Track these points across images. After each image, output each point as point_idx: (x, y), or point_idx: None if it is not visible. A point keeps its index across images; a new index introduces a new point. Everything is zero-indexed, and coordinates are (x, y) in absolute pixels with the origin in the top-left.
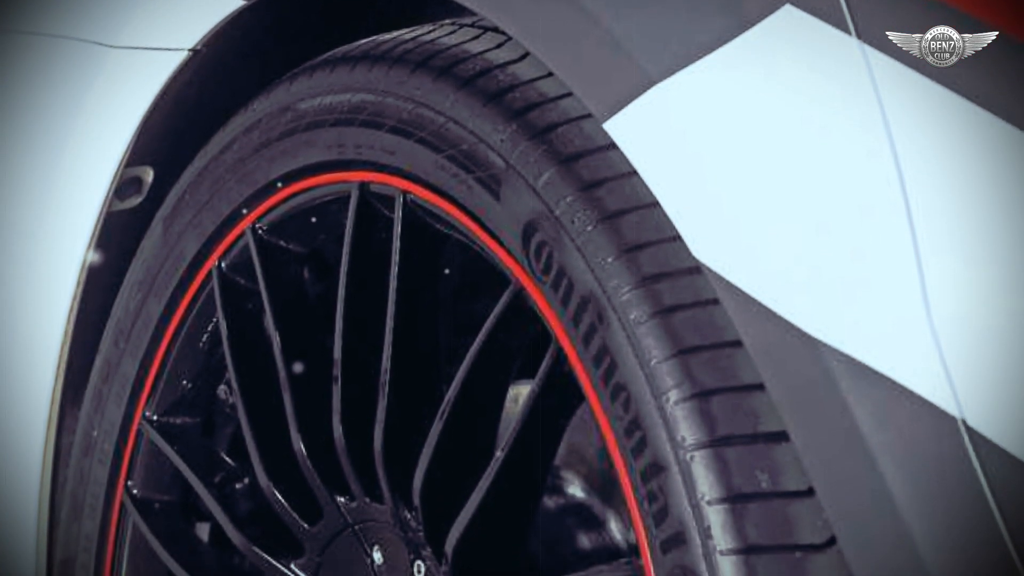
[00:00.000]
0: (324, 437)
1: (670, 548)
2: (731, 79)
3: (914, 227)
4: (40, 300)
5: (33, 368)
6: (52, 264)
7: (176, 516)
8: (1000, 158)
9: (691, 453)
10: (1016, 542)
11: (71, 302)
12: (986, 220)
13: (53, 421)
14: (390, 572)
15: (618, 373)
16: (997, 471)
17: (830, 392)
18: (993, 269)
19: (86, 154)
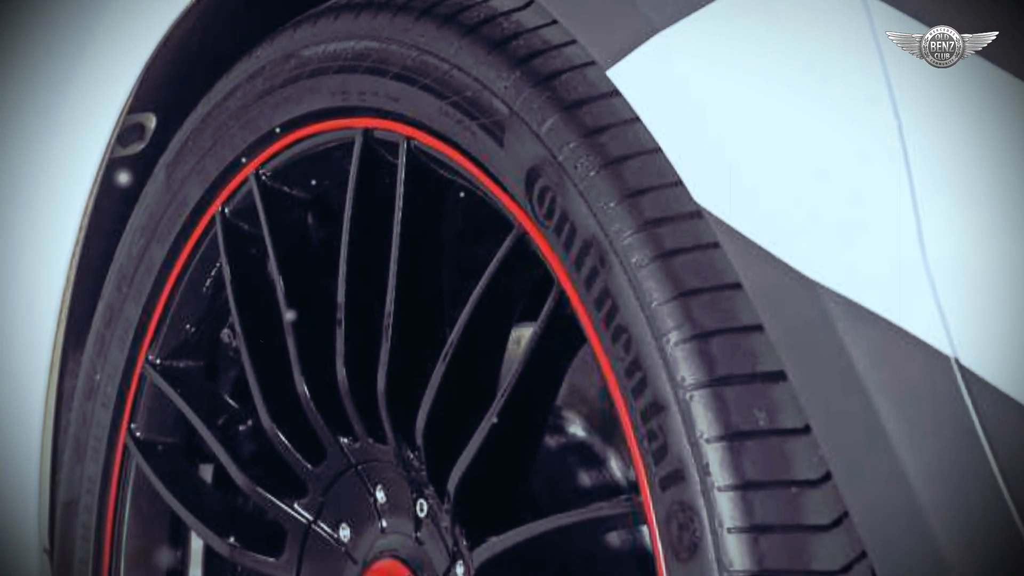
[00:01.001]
0: (327, 380)
1: (669, 485)
2: (733, 27)
3: (911, 172)
4: (42, 247)
5: (35, 313)
6: (54, 211)
7: (179, 458)
8: (997, 105)
9: (691, 393)
10: (1005, 476)
11: (73, 248)
12: (981, 166)
13: (55, 365)
14: (393, 511)
15: (619, 315)
16: (988, 408)
17: (827, 332)
18: (987, 213)
19: (88, 101)
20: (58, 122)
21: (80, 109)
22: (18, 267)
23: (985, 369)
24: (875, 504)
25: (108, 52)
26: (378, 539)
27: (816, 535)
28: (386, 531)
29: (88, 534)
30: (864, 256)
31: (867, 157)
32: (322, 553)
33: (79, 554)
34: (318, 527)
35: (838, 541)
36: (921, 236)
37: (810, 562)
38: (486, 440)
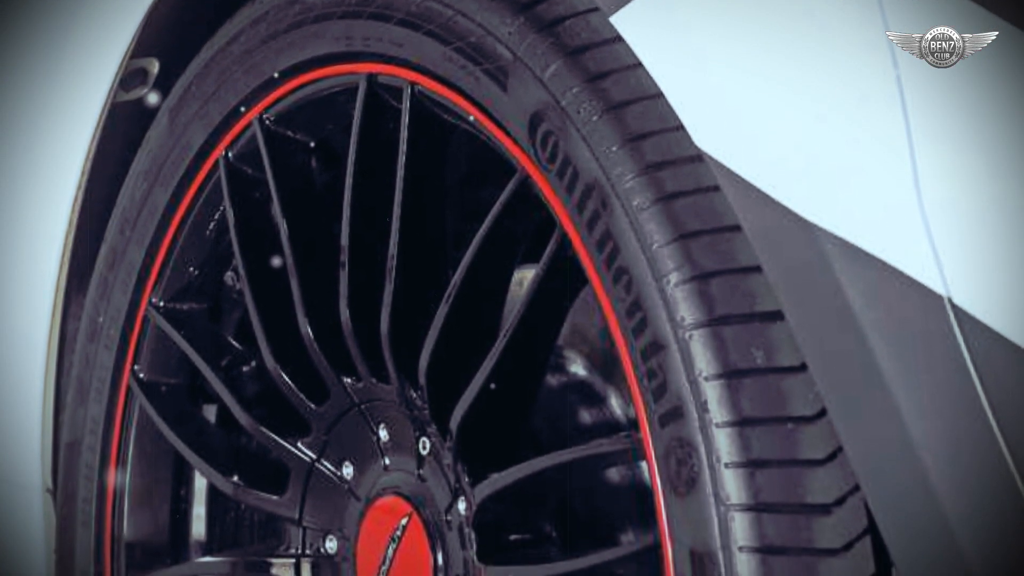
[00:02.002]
0: (331, 321)
1: (668, 422)
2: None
3: (908, 117)
4: (45, 190)
5: (38, 257)
6: (56, 155)
7: (183, 398)
8: (993, 52)
9: (690, 332)
10: (995, 410)
11: (76, 192)
12: (976, 111)
13: (58, 308)
14: (396, 449)
15: (620, 257)
16: (979, 346)
17: (824, 273)
18: (982, 157)
19: (91, 45)
20: (61, 67)
21: (83, 54)
22: (20, 211)
23: (977, 308)
24: (869, 439)
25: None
26: (381, 476)
27: (811, 469)
28: (389, 469)
29: (91, 474)
30: (861, 199)
31: (865, 102)
32: (325, 491)
33: (82, 494)
34: (321, 465)
35: (832, 475)
36: (917, 179)
37: (805, 495)
38: (488, 379)
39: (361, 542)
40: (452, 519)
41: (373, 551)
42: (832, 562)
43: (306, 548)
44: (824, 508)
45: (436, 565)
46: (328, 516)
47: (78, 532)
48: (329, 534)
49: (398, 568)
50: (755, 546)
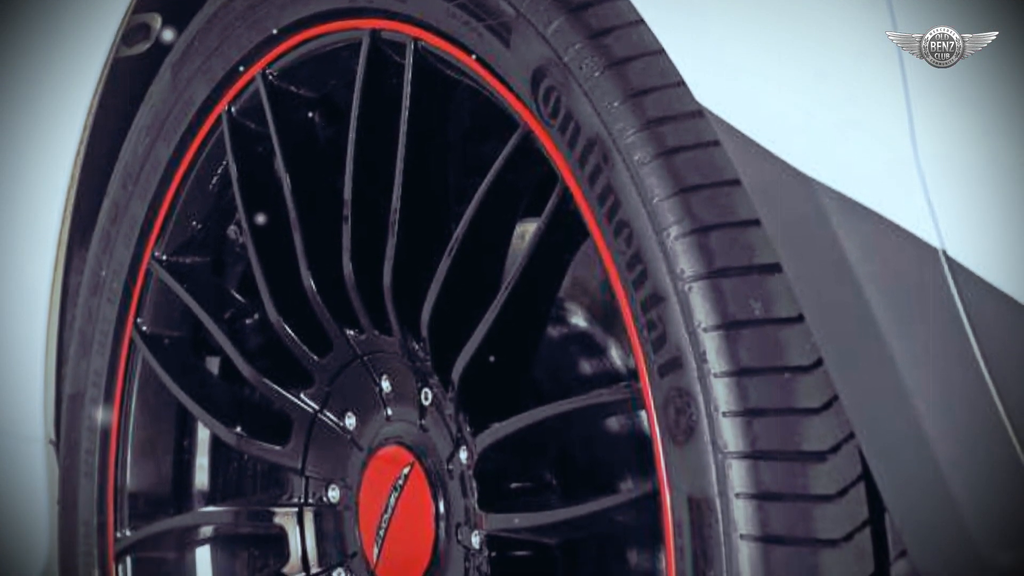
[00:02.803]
0: (333, 274)
1: (667, 372)
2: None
3: (905, 73)
4: (47, 145)
5: (40, 211)
6: (59, 110)
7: (186, 351)
8: (989, 9)
9: (689, 284)
10: (987, 360)
11: (78, 147)
12: (972, 67)
13: (60, 262)
14: (398, 400)
15: (621, 211)
16: (972, 296)
17: (821, 226)
18: (977, 112)
19: (93, 1)
20: (63, 23)
21: (85, 9)
22: (23, 167)
23: (970, 260)
24: (864, 388)
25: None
26: (383, 427)
27: (807, 417)
28: (391, 419)
29: (94, 426)
30: (859, 153)
31: (864, 59)
32: (328, 441)
33: (85, 445)
34: (324, 416)
35: (827, 423)
36: (914, 134)
37: (801, 443)
38: (490, 331)
39: (363, 491)
40: (454, 468)
41: (375, 500)
42: (827, 508)
43: (309, 497)
44: (819, 455)
45: (438, 513)
46: (331, 466)
47: (81, 483)
48: (332, 483)
49: (400, 516)
50: (752, 492)
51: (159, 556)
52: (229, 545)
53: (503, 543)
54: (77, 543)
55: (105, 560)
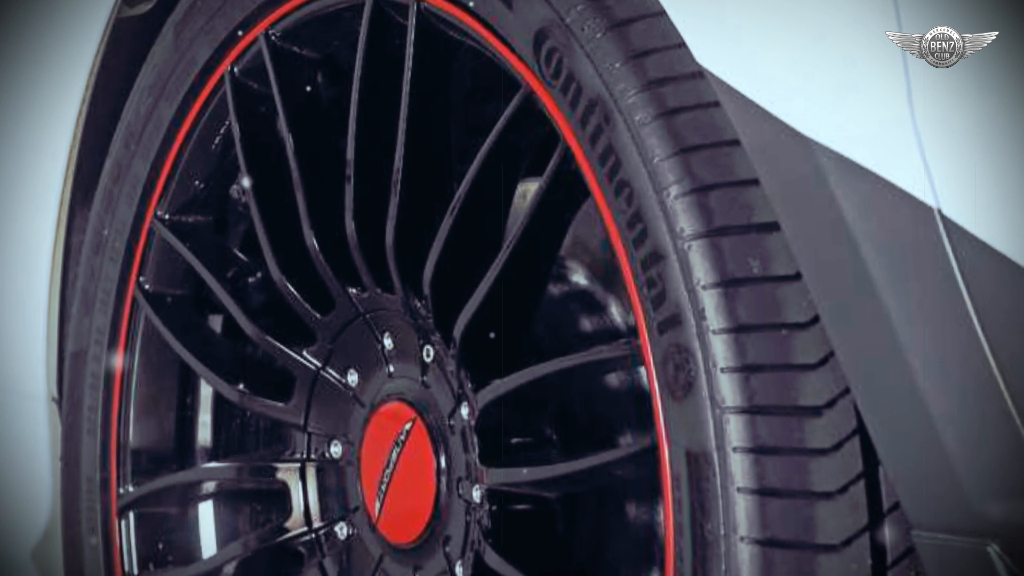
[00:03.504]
0: (335, 234)
1: (667, 329)
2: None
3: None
4: (49, 105)
5: (42, 171)
6: (60, 71)
7: (188, 309)
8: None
9: (689, 243)
10: (980, 316)
11: (79, 107)
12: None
13: (62, 221)
14: (400, 356)
15: (622, 170)
16: (967, 255)
17: (819, 186)
18: (973, 74)
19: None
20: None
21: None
22: (24, 126)
23: (965, 219)
24: (859, 344)
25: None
26: (385, 383)
27: (804, 373)
28: (393, 376)
29: (97, 383)
30: (857, 114)
31: (862, 21)
32: (330, 397)
33: (88, 402)
34: (327, 373)
35: (824, 379)
36: (910, 96)
37: (798, 397)
38: (491, 289)
39: (366, 447)
40: (455, 424)
41: (377, 455)
42: (823, 461)
43: (311, 453)
44: (815, 410)
45: (439, 468)
46: (333, 422)
47: (84, 440)
48: (334, 439)
49: (402, 471)
50: (749, 446)
51: (162, 511)
52: (232, 500)
53: (504, 497)
54: (80, 499)
55: (108, 515)
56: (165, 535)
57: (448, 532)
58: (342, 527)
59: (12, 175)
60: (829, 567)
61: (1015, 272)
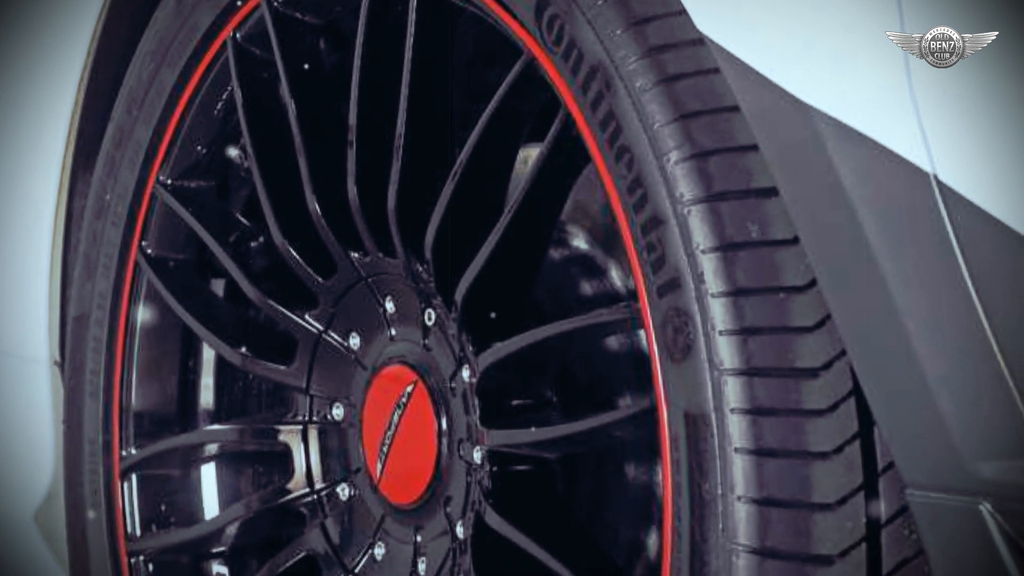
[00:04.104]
0: (338, 198)
1: (666, 292)
2: None
3: (901, 3)
4: (50, 70)
5: (44, 136)
6: (62, 36)
7: (191, 273)
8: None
9: (688, 208)
10: (974, 279)
11: (81, 72)
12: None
13: (64, 186)
14: (401, 320)
15: (623, 136)
16: (961, 219)
17: (818, 151)
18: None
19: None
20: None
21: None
22: (26, 92)
23: (960, 184)
24: (856, 307)
25: None
26: (387, 346)
27: (801, 335)
28: (395, 339)
29: (100, 347)
30: (855, 81)
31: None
32: (332, 360)
33: (91, 366)
34: (329, 336)
35: (820, 341)
36: (907, 62)
37: (795, 360)
38: (493, 253)
39: (367, 409)
40: (456, 386)
41: (379, 417)
42: (819, 422)
43: (313, 415)
44: (812, 372)
45: (440, 430)
46: (335, 385)
47: (86, 402)
48: (336, 402)
49: (403, 433)
50: (746, 408)
51: (164, 473)
52: (234, 462)
53: (504, 458)
54: (82, 461)
55: (110, 477)
56: (167, 497)
57: (449, 493)
58: (344, 488)
59: (15, 141)
60: (824, 525)
61: (1009, 236)
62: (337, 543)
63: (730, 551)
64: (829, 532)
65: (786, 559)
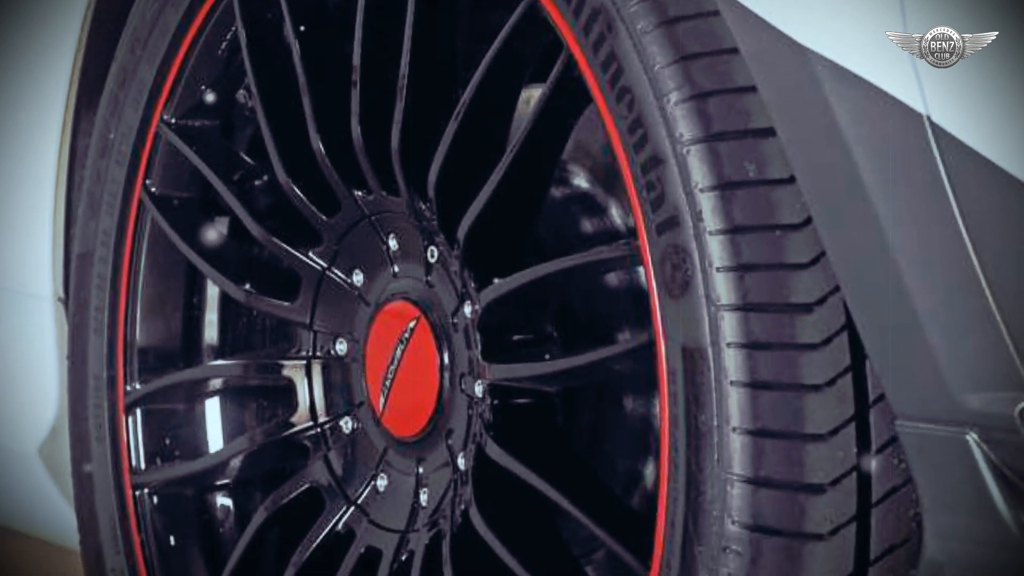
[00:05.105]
0: (342, 138)
1: (665, 230)
2: None
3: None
4: (52, 9)
5: (47, 74)
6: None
7: (195, 211)
8: None
9: (688, 147)
10: (965, 218)
11: (85, 11)
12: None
13: (68, 125)
14: (404, 257)
15: (624, 77)
16: (953, 159)
17: (814, 93)
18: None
19: None
20: None
21: None
22: (28, 30)
23: (952, 125)
24: (850, 244)
25: None
26: (390, 283)
27: (796, 272)
28: (398, 276)
29: (104, 284)
30: (851, 24)
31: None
32: (336, 297)
33: (95, 302)
34: (332, 273)
35: (815, 277)
36: (903, 7)
37: (790, 296)
38: (495, 191)
39: (370, 344)
40: (458, 322)
41: (382, 352)
42: (812, 355)
43: (317, 351)
44: (807, 307)
45: (442, 364)
46: (338, 320)
47: (91, 338)
48: (339, 337)
49: (406, 367)
50: (742, 342)
51: (169, 408)
52: (238, 397)
53: (505, 392)
54: (87, 396)
55: (115, 412)
56: (172, 431)
57: (450, 425)
58: (347, 421)
59: (17, 79)
60: (816, 455)
61: (999, 176)
62: (340, 475)
63: (725, 480)
64: (821, 462)
65: (779, 488)
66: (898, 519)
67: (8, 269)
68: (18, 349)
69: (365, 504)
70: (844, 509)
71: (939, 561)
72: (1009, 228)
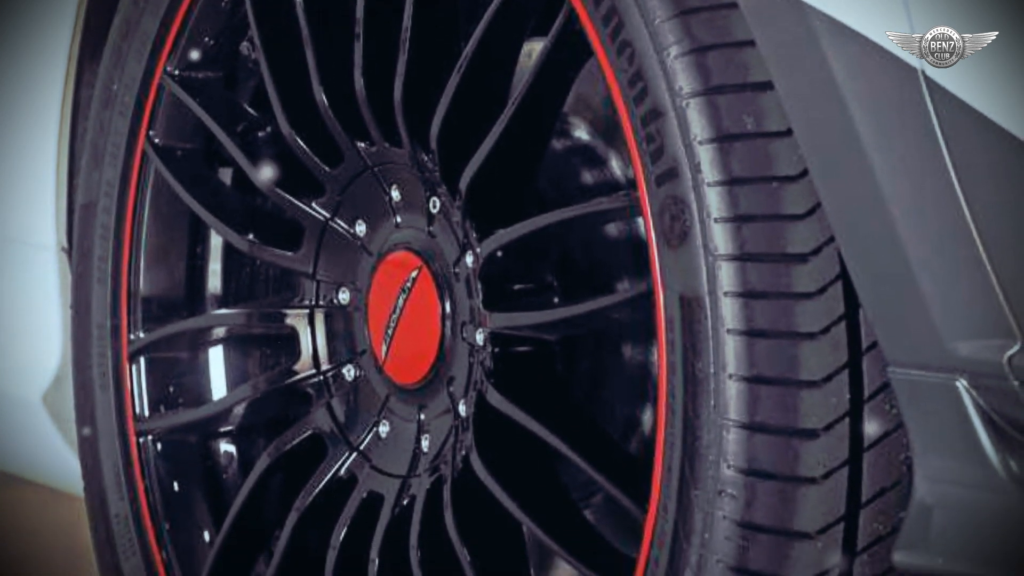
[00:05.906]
0: (344, 89)
1: (664, 181)
2: None
3: None
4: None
5: (50, 25)
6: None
7: (199, 162)
8: None
9: (687, 100)
10: (958, 171)
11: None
12: None
13: (71, 75)
14: (407, 208)
15: (624, 31)
16: (947, 113)
17: (812, 47)
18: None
19: None
20: None
21: None
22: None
23: (946, 79)
24: (845, 195)
25: None
26: (393, 233)
27: (792, 223)
28: (400, 226)
29: (107, 234)
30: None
31: None
32: (339, 247)
33: (98, 252)
34: (335, 223)
35: (811, 228)
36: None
37: (785, 246)
38: (497, 143)
39: (373, 293)
40: (460, 271)
41: (384, 301)
42: (807, 304)
43: (319, 300)
44: (802, 257)
45: (444, 313)
46: (341, 270)
47: (94, 288)
48: (342, 287)
49: (408, 316)
50: (739, 291)
51: (172, 356)
52: (241, 345)
53: (505, 340)
54: (91, 345)
55: (119, 360)
56: (176, 379)
57: (452, 373)
58: (349, 369)
59: (20, 31)
60: (811, 401)
61: (990, 129)
62: (343, 422)
63: (721, 426)
64: (815, 408)
65: (774, 433)
66: (889, 463)
67: (12, 219)
68: (22, 298)
69: (367, 450)
70: (837, 453)
71: (928, 503)
72: (1000, 179)
